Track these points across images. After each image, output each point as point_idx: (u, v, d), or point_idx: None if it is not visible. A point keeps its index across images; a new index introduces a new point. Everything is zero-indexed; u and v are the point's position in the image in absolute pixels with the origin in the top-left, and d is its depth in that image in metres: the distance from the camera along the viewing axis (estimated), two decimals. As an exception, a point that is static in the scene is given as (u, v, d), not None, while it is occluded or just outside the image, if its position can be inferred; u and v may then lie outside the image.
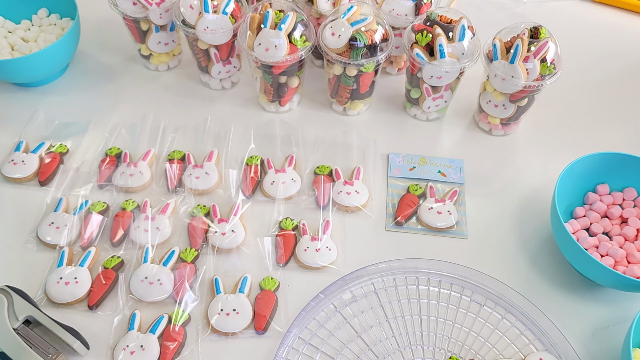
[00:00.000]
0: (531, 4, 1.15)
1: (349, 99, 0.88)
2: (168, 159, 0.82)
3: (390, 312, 0.69)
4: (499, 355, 0.66)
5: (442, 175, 0.83)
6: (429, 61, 0.79)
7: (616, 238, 0.74)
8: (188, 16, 0.82)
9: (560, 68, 0.79)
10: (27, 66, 0.85)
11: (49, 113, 0.89)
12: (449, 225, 0.77)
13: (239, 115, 0.90)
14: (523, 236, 0.77)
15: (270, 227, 0.76)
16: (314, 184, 0.80)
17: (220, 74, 0.90)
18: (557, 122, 0.92)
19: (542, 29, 0.78)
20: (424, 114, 0.90)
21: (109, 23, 1.02)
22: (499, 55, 0.78)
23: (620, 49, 1.05)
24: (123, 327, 0.66)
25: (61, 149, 0.83)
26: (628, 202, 0.77)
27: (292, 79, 0.85)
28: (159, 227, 0.74)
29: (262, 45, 0.78)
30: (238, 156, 0.84)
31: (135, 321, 0.65)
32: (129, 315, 0.66)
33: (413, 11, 0.86)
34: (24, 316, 0.63)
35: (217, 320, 0.66)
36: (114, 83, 0.95)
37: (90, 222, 0.74)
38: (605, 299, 0.72)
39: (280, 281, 0.70)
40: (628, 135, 0.90)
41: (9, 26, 0.94)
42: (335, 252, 0.73)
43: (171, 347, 0.64)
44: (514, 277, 0.72)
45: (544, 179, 0.82)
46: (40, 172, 0.80)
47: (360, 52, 0.78)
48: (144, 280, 0.68)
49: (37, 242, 0.73)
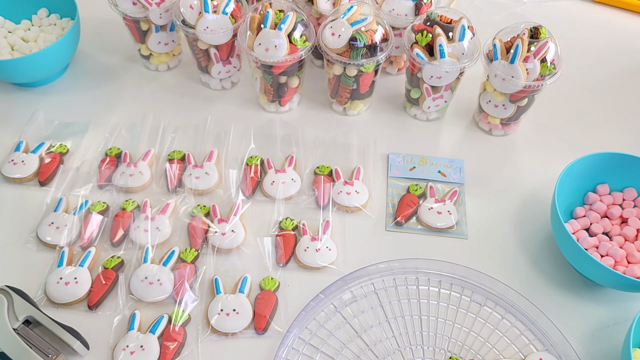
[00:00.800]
0: (531, 4, 1.15)
1: (349, 99, 0.88)
2: (168, 159, 0.82)
3: (390, 312, 0.69)
4: (499, 355, 0.66)
5: (442, 175, 0.83)
6: (429, 61, 0.79)
7: (616, 238, 0.74)
8: (188, 16, 0.82)
9: (560, 68, 0.79)
10: (27, 66, 0.85)
11: (48, 113, 0.89)
12: (449, 225, 0.77)
13: (239, 115, 0.90)
14: (523, 236, 0.77)
15: (270, 227, 0.76)
16: (314, 184, 0.80)
17: (220, 74, 0.90)
18: (557, 122, 0.92)
19: (542, 29, 0.78)
20: (424, 114, 0.90)
21: (109, 23, 1.02)
22: (499, 55, 0.78)
23: (620, 49, 1.05)
24: (123, 327, 0.66)
25: (61, 149, 0.83)
26: (628, 202, 0.77)
27: (292, 79, 0.85)
28: (159, 227, 0.74)
29: (262, 45, 0.78)
30: (238, 156, 0.84)
31: (135, 321, 0.65)
32: (129, 316, 0.66)
33: (413, 11, 0.86)
34: (24, 316, 0.63)
35: (217, 320, 0.66)
36: (114, 83, 0.95)
37: (90, 222, 0.74)
38: (605, 299, 0.72)
39: (280, 281, 0.70)
40: (628, 135, 0.90)
41: (9, 26, 0.94)
42: (335, 252, 0.73)
43: (171, 347, 0.64)
44: (514, 277, 0.72)
45: (544, 179, 0.82)
46: (40, 172, 0.80)
47: (360, 52, 0.78)
48: (144, 280, 0.68)
49: (37, 242, 0.73)
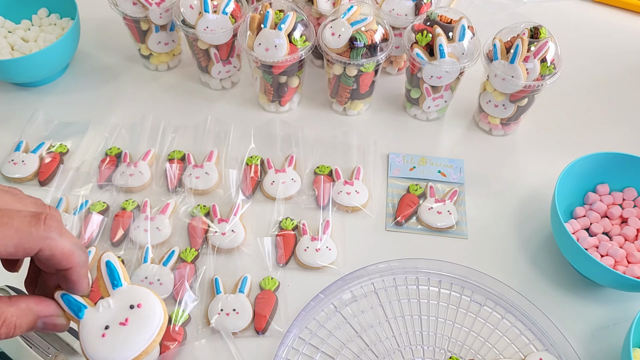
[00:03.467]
0: (531, 4, 1.15)
1: (349, 99, 0.88)
2: (168, 158, 0.82)
3: (390, 312, 0.69)
4: (499, 355, 0.66)
5: (442, 175, 0.83)
6: (429, 61, 0.79)
7: (616, 238, 0.74)
8: (188, 16, 0.82)
9: (560, 68, 0.79)
10: (27, 66, 0.85)
11: (48, 113, 0.89)
12: (449, 225, 0.77)
13: (239, 115, 0.90)
14: (523, 236, 0.77)
15: (270, 227, 0.76)
16: (314, 184, 0.80)
17: (220, 74, 0.91)
18: (557, 122, 0.92)
19: (542, 29, 0.78)
20: (424, 114, 0.90)
21: (109, 23, 1.02)
22: (499, 55, 0.78)
23: (620, 49, 1.05)
24: (123, 327, 0.66)
25: (61, 148, 0.83)
26: (628, 202, 0.77)
27: (292, 79, 0.85)
28: (158, 227, 0.74)
29: (262, 45, 0.78)
30: (238, 156, 0.84)
31: (135, 321, 0.65)
32: (129, 315, 0.66)
33: (413, 11, 0.86)
34: (24, 316, 0.63)
35: (217, 320, 0.66)
36: (114, 83, 0.95)
37: (90, 222, 0.74)
38: (605, 299, 0.72)
39: (280, 281, 0.70)
40: (628, 135, 0.90)
41: (9, 26, 0.94)
42: (335, 252, 0.73)
43: (171, 347, 0.64)
44: (514, 277, 0.72)
45: (544, 179, 0.82)
46: (40, 172, 0.80)
47: (360, 52, 0.78)
48: (143, 280, 0.68)
49: (37, 242, 0.73)
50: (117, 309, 0.42)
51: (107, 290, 0.42)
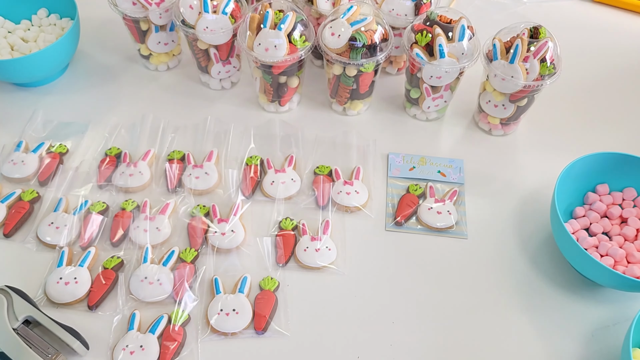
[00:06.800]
0: (531, 4, 1.15)
1: (348, 99, 0.88)
2: (168, 159, 0.82)
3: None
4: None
5: (441, 175, 0.83)
6: (429, 61, 0.79)
7: (616, 238, 0.74)
8: (188, 16, 0.82)
9: (560, 68, 0.79)
10: (27, 66, 0.85)
11: (48, 113, 0.89)
12: (448, 225, 0.77)
13: (238, 115, 0.90)
14: (523, 236, 0.77)
15: (270, 227, 0.76)
16: (314, 184, 0.80)
17: (220, 74, 0.90)
18: (557, 122, 0.92)
19: (542, 29, 0.78)
20: (423, 114, 0.90)
21: (108, 23, 1.02)
22: (498, 55, 0.78)
23: (620, 49, 1.05)
24: (123, 327, 0.66)
25: (61, 149, 0.83)
26: (628, 202, 0.77)
27: (292, 79, 0.85)
28: (158, 227, 0.74)
29: (261, 45, 0.78)
30: (238, 156, 0.83)
31: (135, 321, 0.65)
32: (129, 315, 0.66)
33: (413, 11, 0.86)
34: (23, 316, 0.63)
35: (216, 320, 0.66)
36: (114, 83, 0.95)
37: (90, 222, 0.74)
38: (605, 299, 0.72)
39: (279, 281, 0.70)
40: (628, 135, 0.90)
41: (9, 26, 0.94)
42: (335, 252, 0.73)
43: (171, 347, 0.64)
44: (513, 277, 0.72)
45: (544, 179, 0.82)
46: (40, 172, 0.80)
47: (360, 52, 0.78)
48: (143, 280, 0.68)
49: (36, 242, 0.73)
50: None
51: None
